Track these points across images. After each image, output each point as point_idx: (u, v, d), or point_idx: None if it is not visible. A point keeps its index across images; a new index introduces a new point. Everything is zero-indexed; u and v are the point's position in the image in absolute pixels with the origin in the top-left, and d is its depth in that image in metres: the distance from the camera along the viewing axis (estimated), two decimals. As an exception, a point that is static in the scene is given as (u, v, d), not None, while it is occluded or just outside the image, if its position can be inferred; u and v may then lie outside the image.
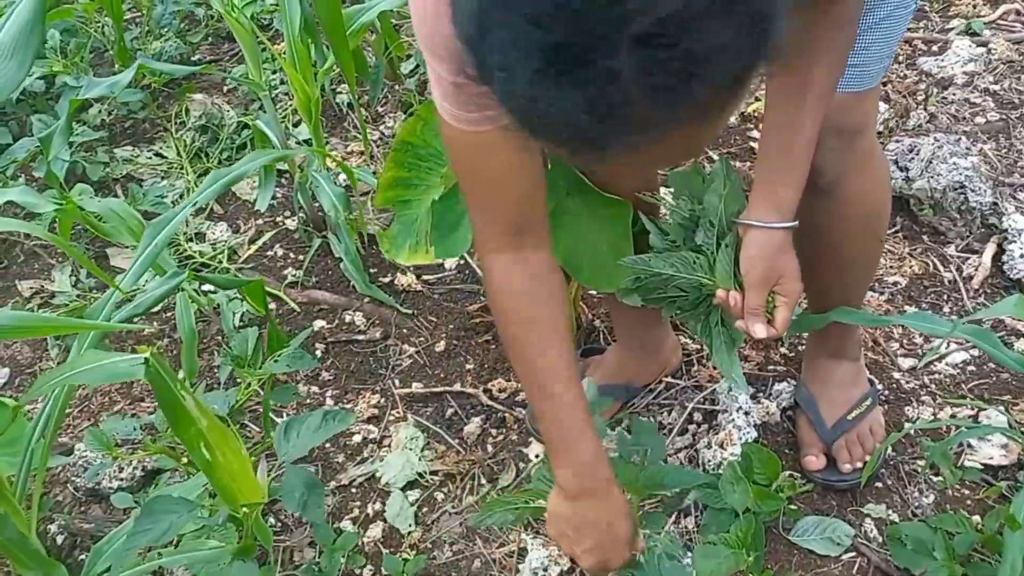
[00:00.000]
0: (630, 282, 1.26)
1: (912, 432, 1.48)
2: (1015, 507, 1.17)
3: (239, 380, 1.52)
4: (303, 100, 1.77)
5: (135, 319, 1.16)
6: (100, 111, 2.39)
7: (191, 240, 2.00)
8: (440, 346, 1.76)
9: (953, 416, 1.51)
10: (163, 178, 2.21)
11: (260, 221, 2.06)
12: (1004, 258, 1.74)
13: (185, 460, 1.23)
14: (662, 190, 1.40)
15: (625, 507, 1.11)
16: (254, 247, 1.98)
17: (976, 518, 1.33)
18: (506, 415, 1.62)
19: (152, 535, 0.97)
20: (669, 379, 1.62)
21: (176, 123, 2.33)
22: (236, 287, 1.53)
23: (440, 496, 1.51)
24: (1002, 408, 1.49)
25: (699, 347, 1.68)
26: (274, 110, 1.91)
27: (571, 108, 0.56)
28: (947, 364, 1.61)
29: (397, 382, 1.70)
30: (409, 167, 1.42)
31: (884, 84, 2.13)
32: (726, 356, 1.21)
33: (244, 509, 1.06)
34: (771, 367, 1.63)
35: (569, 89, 0.56)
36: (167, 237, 1.27)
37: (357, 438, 1.60)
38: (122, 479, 1.49)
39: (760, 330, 1.09)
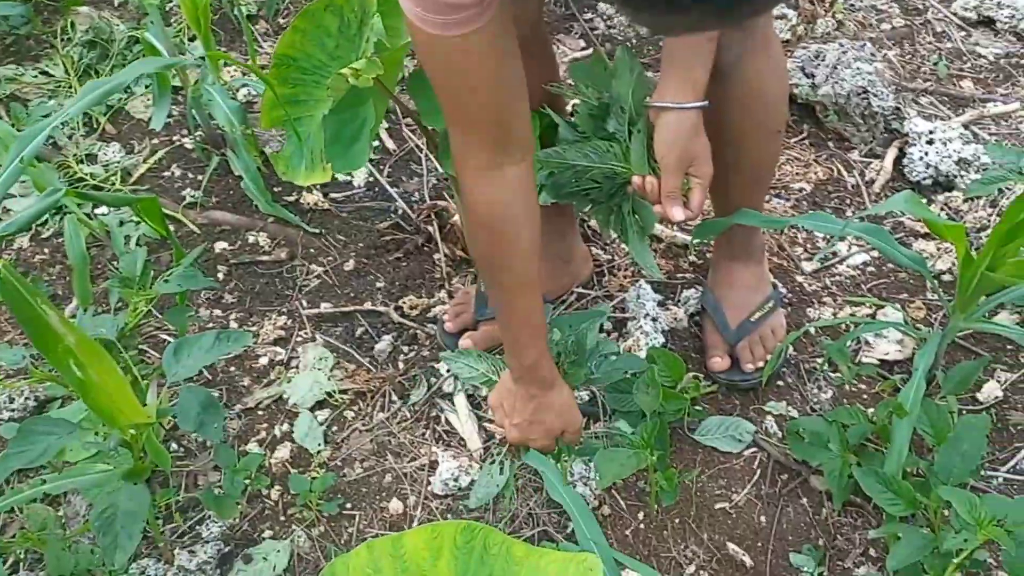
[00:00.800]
0: (542, 178, 1.25)
1: (812, 331, 1.51)
2: (903, 396, 1.21)
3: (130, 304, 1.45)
4: (190, 7, 1.66)
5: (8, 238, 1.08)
6: (-23, 27, 2.21)
7: (81, 162, 1.89)
8: (349, 265, 1.71)
9: (852, 315, 1.55)
10: (50, 97, 2.06)
11: (155, 141, 1.95)
12: (905, 162, 1.77)
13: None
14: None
15: (559, 402, 1.24)
16: (146, 166, 1.88)
17: (871, 411, 1.38)
18: (417, 332, 1.59)
19: (28, 456, 0.93)
20: (580, 290, 1.62)
21: (63, 39, 2.17)
22: (126, 204, 1.45)
23: (350, 415, 1.49)
24: (898, 306, 1.54)
25: (610, 258, 1.68)
26: (161, 22, 1.79)
27: None
28: (848, 266, 1.64)
29: (305, 303, 1.65)
30: (293, 83, 1.34)
31: (795, -9, 2.11)
32: (639, 243, 1.26)
33: (132, 431, 1.02)
34: (680, 275, 1.64)
35: None
36: (35, 150, 1.18)
37: (263, 360, 1.56)
38: (13, 410, 1.43)
39: (678, 212, 1.14)
